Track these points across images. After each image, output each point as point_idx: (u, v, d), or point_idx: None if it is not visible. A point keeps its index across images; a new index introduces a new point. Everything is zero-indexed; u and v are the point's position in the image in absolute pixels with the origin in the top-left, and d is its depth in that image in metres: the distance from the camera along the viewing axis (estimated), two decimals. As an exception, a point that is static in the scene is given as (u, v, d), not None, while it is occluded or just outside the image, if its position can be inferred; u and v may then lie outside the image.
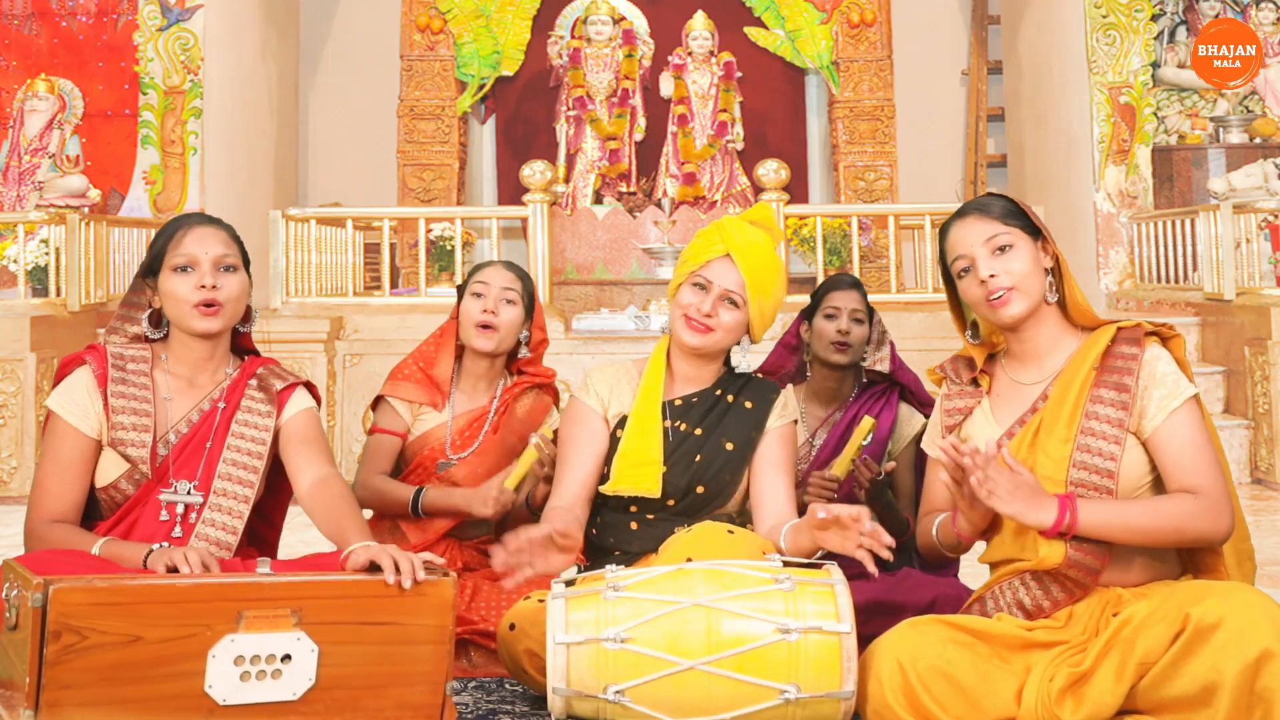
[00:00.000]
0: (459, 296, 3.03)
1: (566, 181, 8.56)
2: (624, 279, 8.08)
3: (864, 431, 2.81)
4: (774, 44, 9.02)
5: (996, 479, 2.03)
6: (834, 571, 2.07)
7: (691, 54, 8.77)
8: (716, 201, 8.52)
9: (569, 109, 8.77)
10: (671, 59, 8.84)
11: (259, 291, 4.43)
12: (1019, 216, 2.26)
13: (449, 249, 7.36)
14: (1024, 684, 2.04)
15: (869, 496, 2.85)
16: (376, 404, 3.04)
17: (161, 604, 1.89)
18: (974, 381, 2.34)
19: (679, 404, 2.56)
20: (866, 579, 2.18)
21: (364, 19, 9.37)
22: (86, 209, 6.90)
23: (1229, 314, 6.13)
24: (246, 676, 1.91)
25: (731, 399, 2.56)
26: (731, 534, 2.33)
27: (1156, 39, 7.44)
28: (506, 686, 2.56)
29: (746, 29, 9.02)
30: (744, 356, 2.56)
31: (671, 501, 2.50)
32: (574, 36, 8.92)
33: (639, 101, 8.82)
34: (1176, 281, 6.59)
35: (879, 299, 6.51)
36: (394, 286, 7.04)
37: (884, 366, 3.11)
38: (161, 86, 7.37)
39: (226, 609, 1.91)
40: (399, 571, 1.99)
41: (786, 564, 2.10)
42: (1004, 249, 2.21)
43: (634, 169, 8.69)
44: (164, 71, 7.37)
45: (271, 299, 6.35)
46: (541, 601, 2.24)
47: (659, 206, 8.01)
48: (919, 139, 9.10)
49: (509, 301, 2.95)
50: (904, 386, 3.12)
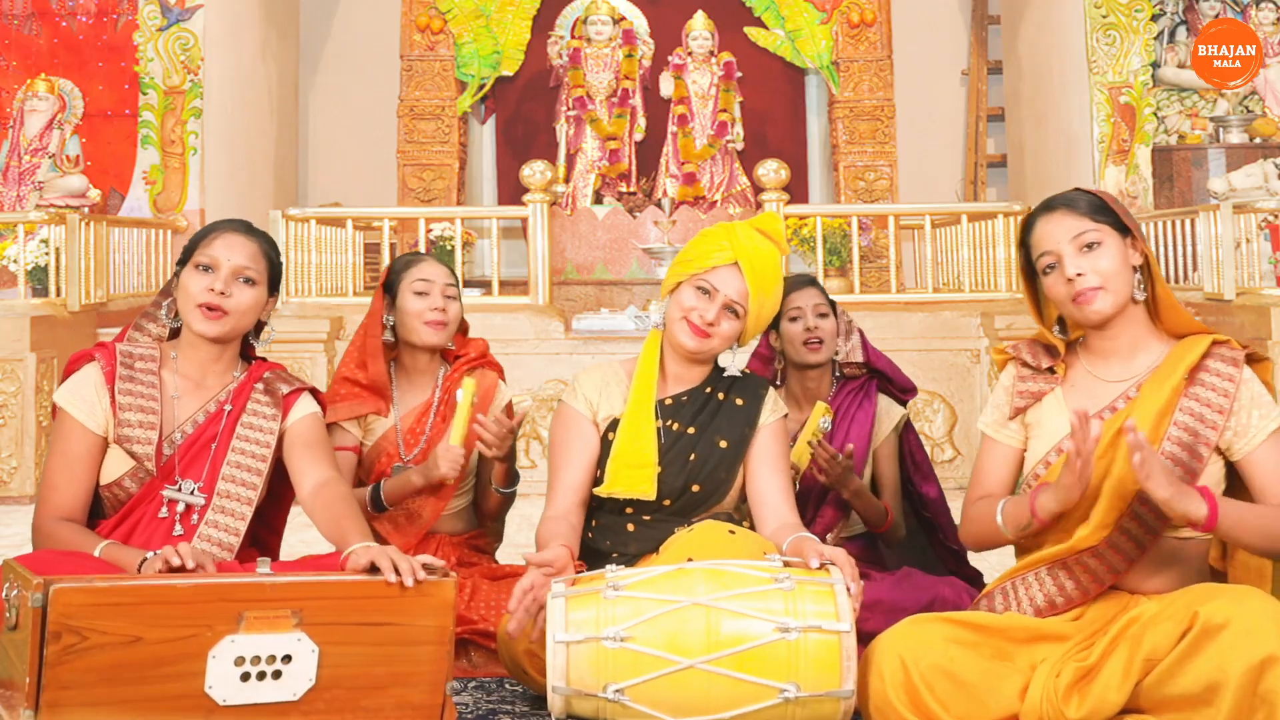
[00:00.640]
0: (386, 295, 3.00)
1: (566, 181, 8.56)
2: (624, 279, 8.09)
3: (817, 416, 2.85)
4: (774, 44, 9.01)
5: (1154, 461, 1.96)
6: (834, 571, 2.07)
7: (691, 54, 8.77)
8: (716, 201, 8.52)
9: (569, 109, 8.76)
10: (671, 59, 8.83)
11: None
12: (1107, 213, 2.20)
13: (449, 249, 7.35)
14: (1028, 681, 2.04)
15: (832, 480, 2.86)
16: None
17: (162, 604, 1.89)
18: (1049, 369, 2.29)
19: (670, 403, 2.55)
20: (867, 579, 2.18)
21: (364, 19, 9.37)
22: (86, 209, 6.90)
23: (1229, 314, 6.12)
24: (247, 677, 1.91)
25: (722, 396, 2.56)
26: (732, 534, 2.34)
27: (1156, 39, 7.43)
28: (506, 686, 2.57)
29: (746, 29, 9.01)
30: (734, 358, 2.55)
31: (668, 501, 2.49)
32: (574, 36, 8.92)
33: (639, 101, 8.82)
34: (1176, 281, 6.58)
35: (879, 299, 6.55)
36: (394, 286, 7.03)
37: (858, 356, 3.10)
38: (161, 86, 7.37)
39: (227, 610, 1.92)
40: (399, 572, 1.99)
41: (786, 564, 2.10)
42: (1091, 246, 2.16)
43: (634, 169, 8.68)
44: (164, 71, 7.37)
45: (272, 299, 6.34)
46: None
47: (659, 206, 8.01)
48: (919, 139, 9.09)
49: (450, 298, 2.99)
50: (881, 374, 3.12)
